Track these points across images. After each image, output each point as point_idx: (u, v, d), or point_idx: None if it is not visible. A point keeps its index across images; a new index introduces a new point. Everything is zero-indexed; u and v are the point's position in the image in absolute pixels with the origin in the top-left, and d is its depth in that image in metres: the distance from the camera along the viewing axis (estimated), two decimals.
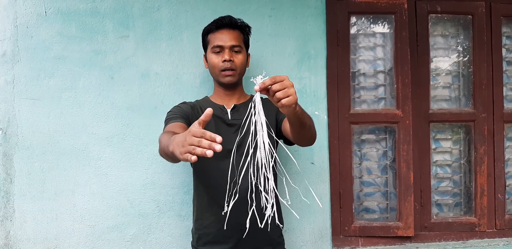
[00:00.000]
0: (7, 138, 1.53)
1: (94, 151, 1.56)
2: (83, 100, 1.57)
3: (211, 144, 0.73)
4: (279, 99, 0.87)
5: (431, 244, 1.79)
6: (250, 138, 0.92)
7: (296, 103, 0.91)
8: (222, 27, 1.32)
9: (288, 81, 0.87)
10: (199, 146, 0.74)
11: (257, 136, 0.90)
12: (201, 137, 0.75)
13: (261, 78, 0.90)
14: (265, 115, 0.91)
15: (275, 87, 0.87)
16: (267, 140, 0.89)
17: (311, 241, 1.66)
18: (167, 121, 1.25)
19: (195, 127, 0.79)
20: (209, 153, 0.73)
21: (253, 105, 0.90)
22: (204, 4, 1.63)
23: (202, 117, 0.81)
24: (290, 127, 1.09)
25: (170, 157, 0.97)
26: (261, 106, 0.90)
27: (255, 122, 0.90)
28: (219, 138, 0.74)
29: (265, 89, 0.89)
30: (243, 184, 1.18)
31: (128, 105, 1.58)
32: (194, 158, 0.74)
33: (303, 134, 1.12)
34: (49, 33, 1.55)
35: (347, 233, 1.75)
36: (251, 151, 0.92)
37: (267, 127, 0.90)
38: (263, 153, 0.89)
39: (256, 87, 0.88)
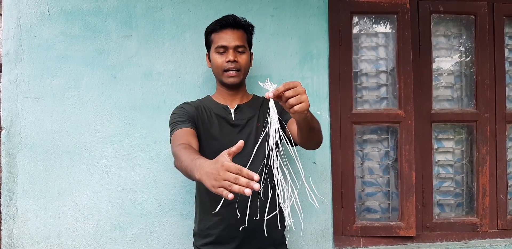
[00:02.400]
0: (10, 137, 1.53)
1: (96, 150, 1.57)
2: (86, 100, 1.57)
3: (249, 182, 0.72)
4: (292, 106, 0.87)
5: (432, 244, 1.79)
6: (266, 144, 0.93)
7: (308, 109, 0.90)
8: (226, 27, 1.30)
9: (301, 88, 0.87)
10: (236, 183, 0.72)
11: (269, 142, 0.91)
12: (237, 174, 0.73)
13: (271, 85, 0.90)
14: (268, 114, 0.92)
15: (288, 93, 0.86)
16: (281, 141, 0.90)
17: (312, 240, 1.66)
18: (174, 125, 1.24)
19: (227, 159, 0.77)
20: (248, 192, 0.71)
21: (268, 112, 0.91)
22: (207, 4, 1.63)
23: (233, 148, 0.79)
24: (299, 131, 1.08)
25: (192, 178, 0.95)
26: (276, 115, 0.90)
27: (268, 128, 0.91)
28: (256, 177, 0.72)
29: (277, 96, 0.88)
30: None
31: (131, 105, 1.59)
32: (231, 196, 0.73)
33: (311, 138, 1.12)
34: (52, 32, 1.56)
35: (349, 232, 1.75)
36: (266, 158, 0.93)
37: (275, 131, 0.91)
38: (275, 160, 0.91)
39: (270, 94, 0.87)
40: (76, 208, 1.56)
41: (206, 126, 1.29)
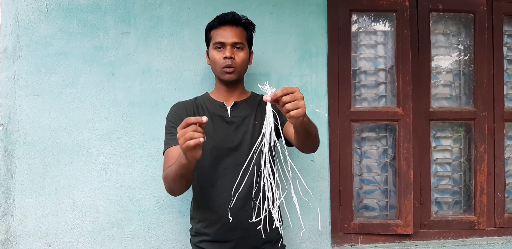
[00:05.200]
0: (8, 134, 1.53)
1: (94, 147, 1.56)
2: (84, 97, 1.57)
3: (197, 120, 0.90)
4: (288, 111, 0.87)
5: (430, 242, 1.79)
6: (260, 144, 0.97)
7: (304, 115, 0.91)
8: (224, 24, 1.30)
9: (299, 94, 0.88)
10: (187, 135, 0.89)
11: (262, 144, 0.95)
12: (187, 125, 0.90)
13: (270, 88, 0.91)
14: (265, 117, 0.93)
15: (285, 98, 0.87)
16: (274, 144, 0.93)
17: (310, 238, 1.67)
18: (166, 141, 1.25)
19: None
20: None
21: (266, 114, 0.93)
22: (206, 1, 1.63)
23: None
24: (295, 135, 1.09)
25: (183, 167, 1.03)
26: (272, 118, 0.93)
27: (264, 130, 0.94)
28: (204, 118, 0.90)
29: (275, 100, 0.90)
30: (243, 183, 1.18)
31: (129, 102, 1.58)
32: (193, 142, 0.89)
33: (308, 143, 1.12)
34: (50, 29, 1.55)
35: (347, 230, 1.75)
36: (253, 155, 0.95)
37: (270, 133, 0.94)
38: (267, 163, 0.93)
39: (268, 98, 0.88)
40: (74, 205, 1.55)
41: None
